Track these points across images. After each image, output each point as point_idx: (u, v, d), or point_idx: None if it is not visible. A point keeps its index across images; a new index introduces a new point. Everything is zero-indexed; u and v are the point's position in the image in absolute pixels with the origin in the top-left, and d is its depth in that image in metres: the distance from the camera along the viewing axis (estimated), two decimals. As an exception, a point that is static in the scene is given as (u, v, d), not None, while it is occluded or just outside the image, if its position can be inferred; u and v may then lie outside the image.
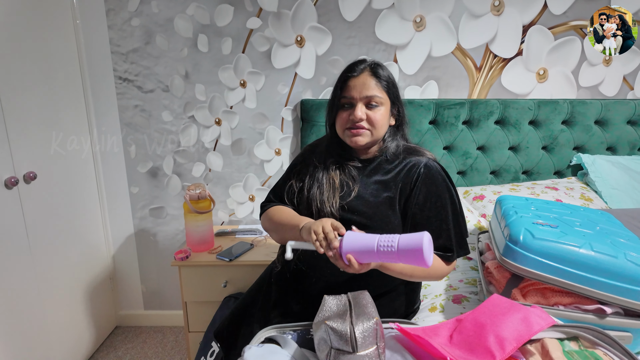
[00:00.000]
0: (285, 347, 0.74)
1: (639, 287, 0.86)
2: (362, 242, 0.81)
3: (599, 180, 1.73)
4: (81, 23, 1.82)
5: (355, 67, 1.05)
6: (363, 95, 1.02)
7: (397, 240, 0.77)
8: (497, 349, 0.69)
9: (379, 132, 1.06)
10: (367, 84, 1.03)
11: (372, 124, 1.03)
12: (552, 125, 1.84)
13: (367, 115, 1.03)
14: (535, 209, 1.13)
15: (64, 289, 1.77)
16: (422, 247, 0.74)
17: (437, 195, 1.03)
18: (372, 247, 0.79)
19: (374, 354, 0.66)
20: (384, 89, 1.04)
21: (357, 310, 0.71)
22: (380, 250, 0.78)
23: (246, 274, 1.68)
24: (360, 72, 1.04)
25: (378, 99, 1.03)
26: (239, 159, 1.99)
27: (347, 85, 1.04)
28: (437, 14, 1.78)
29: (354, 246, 0.81)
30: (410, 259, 0.76)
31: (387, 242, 0.78)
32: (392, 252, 0.77)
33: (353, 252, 0.81)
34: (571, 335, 0.80)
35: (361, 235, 0.82)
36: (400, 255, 0.76)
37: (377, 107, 1.03)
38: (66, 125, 1.77)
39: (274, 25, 1.82)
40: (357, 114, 1.02)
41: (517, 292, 0.96)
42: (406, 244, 0.76)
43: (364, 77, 1.03)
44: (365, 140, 1.05)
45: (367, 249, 0.80)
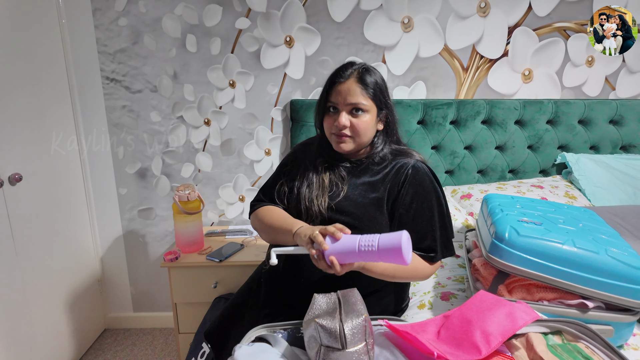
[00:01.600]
0: (275, 346, 0.75)
1: (619, 281, 0.89)
2: (343, 243, 0.82)
3: (582, 178, 1.77)
4: (67, 23, 1.80)
5: (343, 72, 1.04)
6: (347, 102, 1.02)
7: (377, 240, 0.79)
8: (483, 344, 0.71)
9: (363, 139, 1.06)
10: (352, 91, 1.02)
11: (355, 132, 1.03)
12: (537, 124, 1.87)
13: (350, 122, 1.03)
14: (520, 206, 1.15)
15: (51, 291, 1.74)
16: (401, 245, 0.76)
17: (424, 196, 1.04)
18: (354, 248, 0.80)
19: (362, 351, 0.67)
20: (369, 96, 1.03)
21: (346, 308, 0.72)
22: (362, 250, 0.79)
23: (236, 274, 1.68)
24: (347, 78, 1.03)
25: (362, 106, 1.02)
26: (229, 160, 1.99)
27: (333, 90, 1.04)
28: (424, 15, 1.80)
29: (336, 247, 0.82)
30: (390, 258, 0.78)
31: (367, 242, 0.79)
32: (372, 252, 0.78)
33: (335, 253, 0.82)
34: (555, 330, 0.82)
35: (343, 237, 0.83)
36: (381, 255, 0.78)
37: (362, 115, 1.03)
38: (52, 126, 1.75)
39: (262, 25, 1.82)
40: (340, 120, 1.02)
41: (503, 289, 0.98)
42: (386, 243, 0.78)
43: (349, 84, 1.02)
44: (349, 147, 1.06)
45: (348, 250, 0.81)
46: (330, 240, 0.83)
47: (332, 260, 0.82)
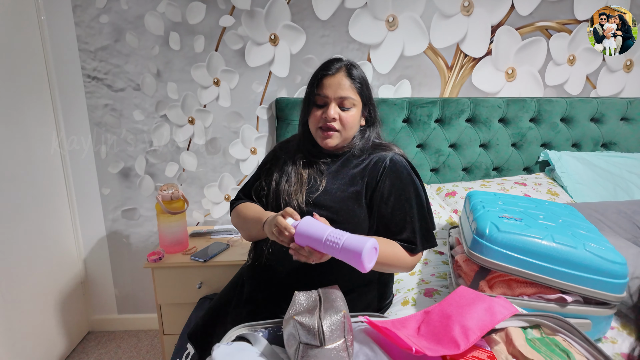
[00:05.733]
0: (255, 344, 0.74)
1: (597, 275, 0.90)
2: (313, 230, 0.83)
3: (564, 175, 1.80)
4: (46, 20, 1.76)
5: (331, 65, 1.06)
6: (337, 96, 1.04)
7: (344, 239, 0.79)
8: (462, 339, 0.71)
9: (349, 133, 1.08)
10: (342, 84, 1.04)
11: (343, 125, 1.05)
12: (521, 122, 1.89)
13: (339, 115, 1.04)
14: (502, 203, 1.16)
15: (33, 294, 1.70)
16: (362, 251, 0.76)
17: (402, 188, 1.05)
18: (321, 238, 0.81)
19: (341, 347, 0.66)
20: (357, 91, 1.06)
21: (326, 305, 0.72)
22: (327, 244, 0.80)
23: (221, 274, 1.66)
24: (336, 71, 1.05)
25: (351, 101, 1.05)
26: (214, 159, 1.97)
27: (322, 83, 1.05)
28: (409, 13, 1.81)
29: (305, 233, 0.83)
30: (351, 260, 0.79)
31: (334, 237, 0.80)
32: (336, 248, 0.79)
33: (303, 239, 0.84)
34: (533, 324, 0.82)
35: (316, 224, 0.84)
36: (342, 253, 0.79)
37: (350, 109, 1.05)
38: (32, 125, 1.71)
39: (247, 23, 1.81)
40: (330, 113, 1.04)
41: (484, 284, 0.98)
42: (350, 244, 0.79)
43: (339, 77, 1.04)
44: (335, 142, 1.07)
45: (316, 238, 0.82)
46: (304, 227, 0.84)
47: (296, 247, 0.85)
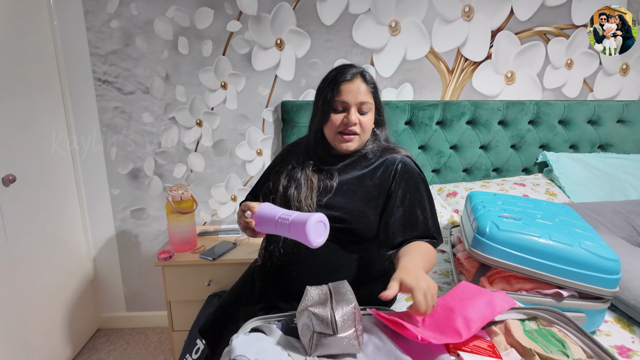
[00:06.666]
0: (270, 335, 0.79)
1: (591, 272, 0.95)
2: (269, 211, 0.92)
3: (562, 176, 1.85)
4: (58, 25, 1.81)
5: (347, 71, 1.09)
6: (357, 101, 1.08)
7: (293, 216, 0.86)
8: (464, 329, 0.76)
9: (366, 136, 1.13)
10: (361, 90, 1.08)
11: (362, 129, 1.10)
12: (520, 125, 1.95)
13: (359, 119, 1.09)
14: (501, 203, 1.21)
15: (44, 292, 1.75)
16: (307, 224, 0.82)
17: (415, 187, 1.10)
18: (274, 217, 0.89)
19: (352, 336, 0.72)
20: (372, 95, 1.11)
21: (337, 297, 0.77)
22: (279, 222, 0.87)
23: (229, 272, 1.71)
24: (353, 77, 1.09)
25: (368, 105, 1.09)
26: (221, 160, 2.02)
27: (341, 89, 1.08)
28: (411, 19, 1.86)
29: (262, 213, 0.93)
30: (299, 235, 0.85)
31: (284, 216, 0.87)
32: (285, 224, 0.86)
33: (258, 218, 0.93)
34: (531, 316, 0.87)
35: (273, 207, 0.93)
36: (292, 229, 0.85)
37: (367, 113, 1.10)
38: (45, 128, 1.76)
39: (253, 28, 1.86)
40: (352, 118, 1.07)
41: (485, 280, 1.03)
42: (297, 219, 0.85)
43: (357, 83, 1.09)
44: (355, 146, 1.12)
45: (269, 217, 0.90)
46: (261, 210, 0.93)
47: (249, 222, 0.95)
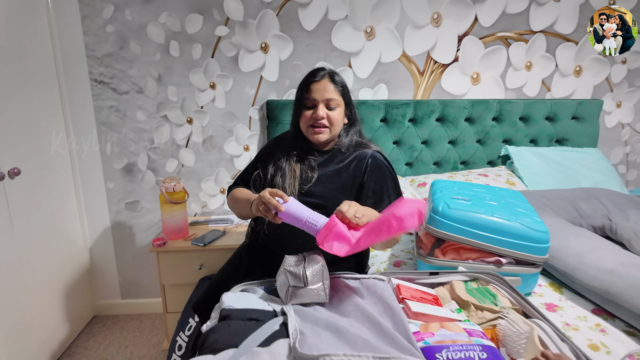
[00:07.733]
0: (255, 294, 0.95)
1: (525, 242, 1.13)
2: (296, 212, 1.03)
3: (522, 167, 2.05)
4: (57, 29, 1.94)
5: (317, 73, 1.27)
6: (324, 98, 1.24)
7: (320, 222, 0.99)
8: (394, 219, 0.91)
9: (336, 129, 1.29)
10: (327, 88, 1.25)
11: (330, 122, 1.26)
12: (485, 121, 2.14)
13: (327, 114, 1.25)
14: (457, 189, 1.39)
15: (42, 281, 1.86)
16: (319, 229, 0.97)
17: (383, 178, 1.27)
18: (302, 219, 1.01)
19: (320, 288, 0.88)
20: (339, 93, 1.27)
21: (309, 260, 0.93)
22: (306, 224, 1.00)
23: (219, 257, 1.85)
24: (321, 78, 1.26)
25: (336, 101, 1.26)
26: (210, 155, 2.17)
27: (310, 88, 1.26)
28: (385, 25, 2.04)
29: (291, 210, 1.03)
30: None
31: (313, 220, 1.00)
32: (314, 229, 0.99)
33: (287, 216, 1.03)
34: (472, 277, 1.05)
35: (300, 206, 1.04)
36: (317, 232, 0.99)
37: (335, 109, 1.26)
38: (45, 125, 1.89)
39: (240, 32, 2.01)
40: (319, 113, 1.24)
41: (439, 252, 1.21)
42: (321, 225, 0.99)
43: (324, 82, 1.25)
44: (325, 137, 1.28)
45: (297, 218, 1.02)
46: (291, 208, 1.03)
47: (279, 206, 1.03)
